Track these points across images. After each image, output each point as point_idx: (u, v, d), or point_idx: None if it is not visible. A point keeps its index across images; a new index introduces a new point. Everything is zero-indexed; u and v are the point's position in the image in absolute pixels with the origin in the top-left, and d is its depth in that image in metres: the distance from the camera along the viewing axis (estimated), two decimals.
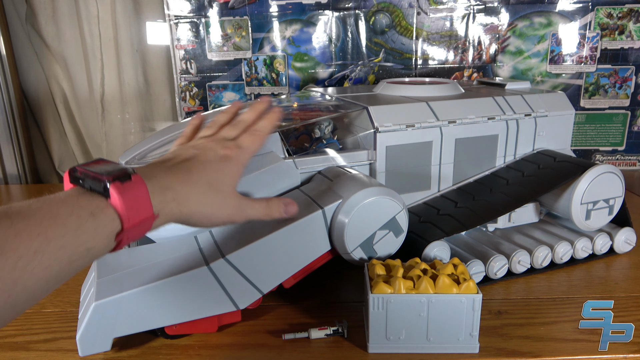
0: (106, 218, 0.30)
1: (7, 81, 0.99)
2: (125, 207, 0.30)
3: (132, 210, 0.30)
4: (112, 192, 0.30)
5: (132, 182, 0.31)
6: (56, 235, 0.27)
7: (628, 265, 0.60)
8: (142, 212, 0.31)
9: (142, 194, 0.31)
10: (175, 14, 0.95)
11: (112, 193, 0.30)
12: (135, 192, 0.31)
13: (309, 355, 0.45)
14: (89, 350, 0.43)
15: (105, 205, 0.30)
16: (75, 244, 0.28)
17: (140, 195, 0.31)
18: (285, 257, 0.47)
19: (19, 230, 0.26)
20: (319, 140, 0.60)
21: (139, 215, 0.31)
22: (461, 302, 0.42)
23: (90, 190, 0.30)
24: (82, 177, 0.31)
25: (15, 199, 0.89)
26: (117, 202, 0.30)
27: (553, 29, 0.94)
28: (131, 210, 0.30)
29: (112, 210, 0.30)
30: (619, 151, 1.00)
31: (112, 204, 0.30)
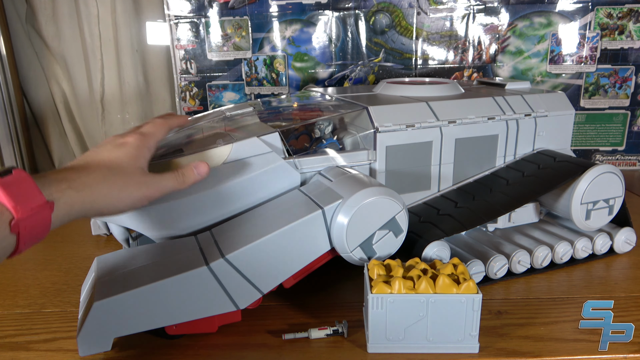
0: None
1: (7, 81, 0.99)
2: (9, 197, 0.32)
3: (17, 199, 0.33)
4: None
5: (13, 176, 0.33)
6: None
7: (628, 265, 0.60)
8: (31, 200, 0.33)
9: (26, 185, 0.34)
10: (175, 14, 0.95)
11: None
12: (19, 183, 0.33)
13: (309, 355, 0.45)
14: (89, 350, 0.43)
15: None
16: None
17: (25, 186, 0.34)
18: (285, 257, 0.47)
19: None
20: (319, 140, 0.60)
21: (28, 203, 0.33)
22: (461, 302, 0.42)
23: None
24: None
25: None
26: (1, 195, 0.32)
27: (553, 29, 0.94)
28: (17, 198, 0.33)
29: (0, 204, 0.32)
30: (619, 151, 1.00)
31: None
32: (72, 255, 0.67)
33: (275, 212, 0.49)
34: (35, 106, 1.05)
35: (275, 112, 0.69)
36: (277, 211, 0.49)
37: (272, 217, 0.49)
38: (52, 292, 0.57)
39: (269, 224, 0.47)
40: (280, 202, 0.51)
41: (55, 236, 0.73)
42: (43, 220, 0.34)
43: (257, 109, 0.65)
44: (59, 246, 0.69)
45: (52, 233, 0.36)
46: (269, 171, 0.52)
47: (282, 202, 0.51)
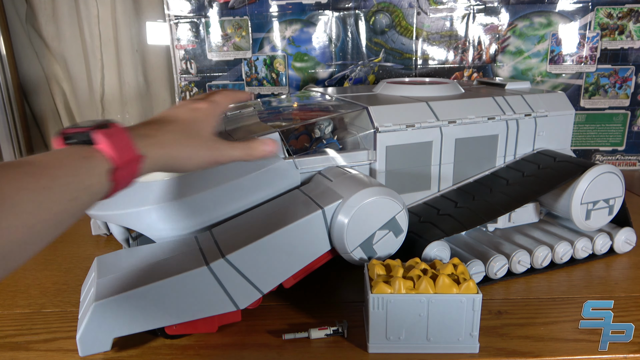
0: (97, 160, 0.34)
1: (7, 81, 0.99)
2: (111, 148, 0.35)
3: (117, 151, 0.35)
4: (96, 138, 0.35)
5: (113, 129, 0.36)
6: (59, 175, 0.31)
7: (628, 265, 0.60)
8: (127, 152, 0.36)
9: (123, 137, 0.36)
10: (175, 14, 0.95)
11: (97, 138, 0.35)
12: (117, 135, 0.36)
13: (309, 355, 0.45)
14: (89, 350, 0.43)
15: (94, 150, 0.35)
16: (75, 182, 0.32)
17: (122, 138, 0.36)
18: (285, 257, 0.47)
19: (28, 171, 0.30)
20: (319, 140, 0.60)
21: (125, 154, 0.36)
22: (461, 302, 0.42)
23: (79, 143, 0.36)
24: (69, 136, 0.36)
25: None
26: (104, 144, 0.35)
27: (553, 29, 0.94)
28: (117, 150, 0.35)
29: (101, 153, 0.35)
30: (619, 151, 1.00)
31: (99, 148, 0.35)
32: (72, 255, 0.67)
33: (275, 212, 0.49)
34: (35, 106, 1.05)
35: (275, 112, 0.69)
36: (277, 211, 0.49)
37: (272, 217, 0.49)
38: (52, 292, 0.57)
39: (269, 224, 0.47)
40: (280, 202, 0.51)
41: None
42: (133, 171, 0.37)
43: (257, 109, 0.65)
44: (59, 246, 0.69)
45: None
46: (268, 171, 0.52)
47: (282, 202, 0.51)
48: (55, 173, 0.31)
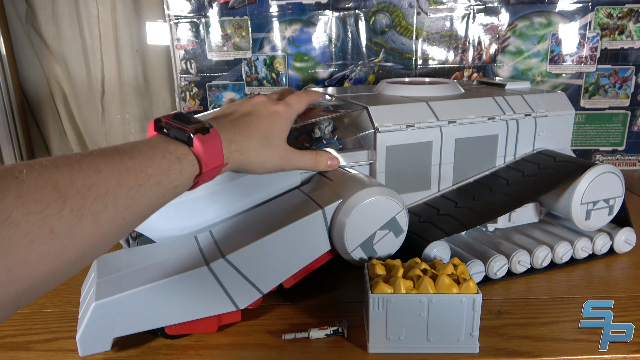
0: (189, 163, 0.36)
1: (7, 81, 0.99)
2: (205, 154, 0.37)
3: (209, 158, 0.37)
4: (195, 142, 0.36)
5: (211, 135, 0.37)
6: (154, 174, 0.33)
7: (628, 265, 0.60)
8: (216, 159, 0.38)
9: (217, 145, 0.38)
10: (175, 14, 0.95)
11: (195, 143, 0.36)
12: (212, 143, 0.38)
13: (309, 355, 0.45)
14: (89, 350, 0.43)
15: (189, 153, 0.36)
16: (166, 181, 0.34)
17: (216, 146, 0.38)
18: (285, 257, 0.47)
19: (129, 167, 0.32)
20: (319, 140, 0.60)
21: (214, 162, 0.38)
22: (461, 302, 0.42)
23: (175, 139, 0.37)
24: (167, 127, 0.37)
25: None
26: (199, 151, 0.36)
27: (553, 29, 0.94)
28: (209, 157, 0.37)
29: (194, 157, 0.36)
30: (619, 151, 1.00)
31: (194, 151, 0.36)
32: None
33: (275, 212, 0.49)
34: (35, 106, 1.05)
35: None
36: (277, 211, 0.49)
37: (272, 217, 0.49)
38: (52, 292, 0.57)
39: (269, 224, 0.47)
40: (280, 202, 0.51)
41: None
42: (214, 175, 0.39)
43: None
44: None
45: None
46: None
47: (282, 202, 0.51)
48: (151, 172, 0.33)
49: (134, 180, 0.31)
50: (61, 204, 0.27)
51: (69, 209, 0.27)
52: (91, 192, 0.28)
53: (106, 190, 0.29)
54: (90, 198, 0.28)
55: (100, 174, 0.30)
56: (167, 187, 0.34)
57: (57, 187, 0.27)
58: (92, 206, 0.28)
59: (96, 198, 0.29)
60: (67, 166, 0.29)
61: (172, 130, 0.37)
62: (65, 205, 0.27)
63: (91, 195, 0.28)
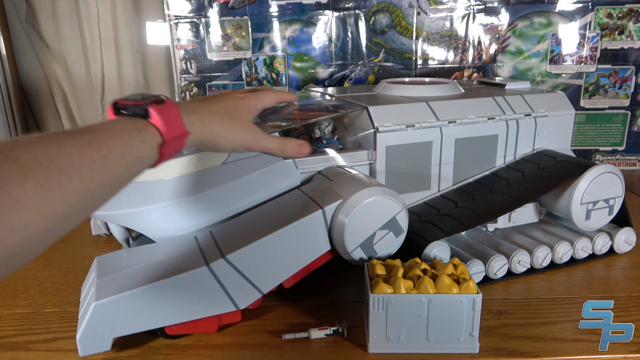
0: (150, 133, 0.36)
1: (7, 81, 0.99)
2: (164, 123, 0.37)
3: (168, 126, 0.37)
4: (151, 113, 0.37)
5: (166, 105, 0.38)
6: (117, 145, 0.33)
7: (628, 265, 0.60)
8: (177, 128, 0.39)
9: (175, 114, 0.39)
10: (175, 14, 0.95)
11: (152, 113, 0.37)
12: (169, 112, 0.38)
13: (309, 355, 0.45)
14: (89, 350, 0.43)
15: (147, 124, 0.37)
16: (129, 152, 0.35)
17: (174, 115, 0.38)
18: (285, 257, 0.47)
19: (90, 140, 0.32)
20: (319, 140, 0.60)
21: (175, 130, 0.38)
22: (461, 302, 0.42)
23: (133, 115, 0.37)
24: (123, 107, 0.38)
25: None
26: (157, 120, 0.37)
27: (553, 29, 0.94)
28: (168, 126, 0.37)
29: (154, 128, 0.37)
30: (619, 151, 1.00)
31: (152, 122, 0.37)
32: (72, 255, 0.67)
33: (275, 212, 0.49)
34: (35, 106, 1.05)
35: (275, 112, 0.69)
36: (277, 211, 0.49)
37: (272, 217, 0.49)
38: (52, 292, 0.57)
39: (269, 224, 0.47)
40: (280, 202, 0.51)
41: None
42: (179, 145, 0.40)
43: None
44: (59, 246, 0.69)
45: None
46: (268, 171, 0.52)
47: (282, 202, 0.51)
48: (113, 144, 0.33)
49: (96, 152, 0.32)
50: (24, 177, 0.27)
51: (32, 181, 0.27)
52: (54, 165, 0.29)
53: (70, 163, 0.30)
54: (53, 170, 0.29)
55: (61, 148, 0.30)
56: (131, 159, 0.35)
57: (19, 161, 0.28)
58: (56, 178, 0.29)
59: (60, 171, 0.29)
60: (28, 143, 0.29)
61: (129, 108, 0.38)
62: (28, 177, 0.27)
63: (54, 167, 0.29)
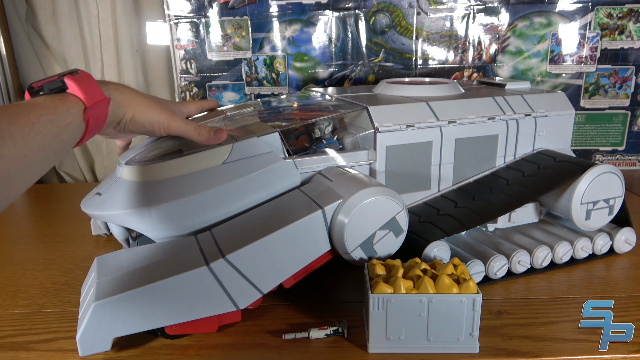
0: (72, 101, 0.39)
1: (7, 81, 0.99)
2: (82, 90, 0.39)
3: (87, 92, 0.40)
4: (67, 82, 0.39)
5: (80, 75, 0.40)
6: (43, 114, 0.36)
7: (628, 265, 0.60)
8: (96, 94, 0.41)
9: (91, 82, 0.41)
10: (175, 14, 0.95)
11: (68, 83, 0.39)
12: (85, 80, 0.40)
13: (309, 355, 0.45)
14: (89, 350, 0.43)
15: (67, 93, 0.39)
16: (56, 120, 0.36)
17: (90, 83, 0.41)
18: (285, 257, 0.47)
19: (16, 111, 0.34)
20: (319, 140, 0.60)
21: (95, 96, 0.40)
22: (461, 302, 0.42)
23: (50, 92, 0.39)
24: (39, 89, 0.40)
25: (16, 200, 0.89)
26: (74, 88, 0.39)
27: (553, 29, 0.94)
28: (87, 92, 0.40)
29: (74, 96, 0.39)
30: (619, 151, 1.00)
31: (71, 91, 0.39)
32: (72, 255, 0.67)
33: (275, 212, 0.49)
34: None
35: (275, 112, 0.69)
36: (277, 211, 0.49)
37: (272, 217, 0.49)
38: (52, 292, 0.57)
39: (269, 224, 0.47)
40: (280, 202, 0.51)
41: (55, 236, 0.73)
42: (103, 112, 0.42)
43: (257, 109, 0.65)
44: (59, 246, 0.69)
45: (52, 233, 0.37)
46: (269, 171, 0.52)
47: (282, 202, 0.51)
48: (40, 112, 0.36)
49: (25, 119, 0.34)
50: None
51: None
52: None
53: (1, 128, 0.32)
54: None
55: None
56: (60, 125, 0.37)
57: None
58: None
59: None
60: None
61: (44, 86, 0.39)
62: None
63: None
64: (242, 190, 0.51)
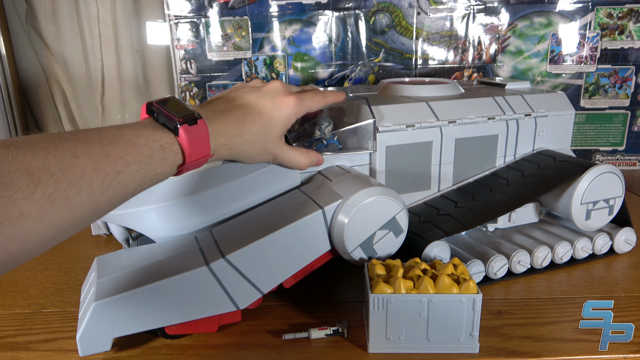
0: (172, 152, 0.36)
1: (7, 81, 0.99)
2: (189, 145, 0.36)
3: (194, 149, 0.37)
4: (180, 132, 0.36)
5: (198, 126, 0.37)
6: (134, 161, 0.33)
7: (628, 265, 0.60)
8: (202, 151, 0.38)
9: (203, 137, 0.38)
10: (175, 14, 0.95)
11: (181, 133, 0.36)
12: (199, 135, 0.37)
13: (309, 355, 0.45)
14: (89, 350, 0.43)
15: (173, 142, 0.36)
16: (147, 169, 0.34)
17: (202, 137, 0.38)
18: (285, 257, 0.47)
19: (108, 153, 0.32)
20: (319, 140, 0.60)
21: (199, 153, 0.38)
22: (461, 302, 0.42)
23: (162, 125, 0.37)
24: (156, 112, 0.37)
25: None
26: (184, 141, 0.36)
27: (553, 29, 0.94)
28: (194, 148, 0.37)
29: (178, 147, 0.36)
30: (619, 151, 1.00)
31: (179, 141, 0.36)
32: (72, 255, 0.67)
33: (275, 212, 0.49)
34: (35, 106, 1.05)
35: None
36: (277, 211, 0.49)
37: (272, 217, 0.49)
38: (52, 292, 0.57)
39: (269, 224, 0.47)
40: (280, 202, 0.51)
41: None
42: (199, 165, 0.39)
43: None
44: (59, 246, 0.69)
45: None
46: (268, 171, 0.52)
47: (282, 202, 0.51)
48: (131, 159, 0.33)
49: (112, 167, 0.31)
50: (33, 188, 0.27)
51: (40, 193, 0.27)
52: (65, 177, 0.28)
53: (81, 176, 0.29)
54: (64, 183, 0.28)
55: (77, 160, 0.29)
56: (148, 175, 0.34)
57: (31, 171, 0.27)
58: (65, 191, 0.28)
59: (70, 183, 0.29)
60: (44, 150, 0.28)
61: (161, 116, 0.37)
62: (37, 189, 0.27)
63: (65, 180, 0.28)
64: (242, 190, 0.51)
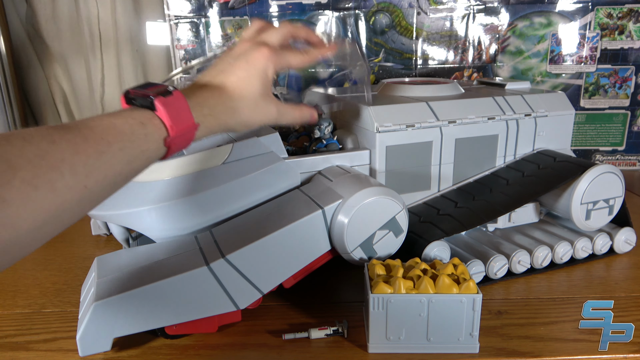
0: (154, 126, 0.35)
1: (7, 81, 0.99)
2: (169, 117, 0.36)
3: (175, 119, 0.36)
4: (157, 105, 0.36)
5: (174, 97, 0.37)
6: (115, 140, 0.33)
7: (628, 265, 0.60)
8: (184, 121, 0.37)
9: (182, 106, 0.37)
10: (175, 14, 0.95)
11: (157, 106, 0.36)
12: (177, 104, 0.37)
13: (309, 355, 0.45)
14: (89, 350, 0.43)
15: (152, 116, 0.36)
16: (130, 147, 0.33)
17: (181, 107, 0.37)
18: (285, 257, 0.47)
19: (86, 136, 0.31)
20: (319, 140, 0.60)
21: (182, 123, 0.37)
22: (461, 302, 0.42)
23: (140, 107, 0.36)
24: (133, 97, 0.37)
25: None
26: (162, 113, 0.36)
27: (553, 29, 0.94)
28: (174, 119, 0.36)
29: (159, 121, 0.36)
30: (619, 151, 1.00)
31: (158, 115, 0.36)
32: (72, 255, 0.67)
33: (275, 212, 0.49)
34: (36, 106, 1.05)
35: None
36: (277, 211, 0.49)
37: (272, 217, 0.49)
38: (52, 292, 0.57)
39: (269, 224, 0.47)
40: (280, 202, 0.51)
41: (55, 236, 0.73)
42: (188, 138, 0.38)
43: None
44: (59, 246, 0.69)
45: None
46: (268, 171, 0.52)
47: (282, 202, 0.51)
48: (112, 138, 0.32)
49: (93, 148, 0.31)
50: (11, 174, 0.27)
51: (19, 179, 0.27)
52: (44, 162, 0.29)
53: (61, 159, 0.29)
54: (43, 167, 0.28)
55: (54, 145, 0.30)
56: (134, 153, 0.34)
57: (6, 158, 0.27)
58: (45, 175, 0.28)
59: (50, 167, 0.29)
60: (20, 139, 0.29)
61: (137, 98, 0.37)
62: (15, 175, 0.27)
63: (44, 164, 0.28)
64: (242, 190, 0.51)
